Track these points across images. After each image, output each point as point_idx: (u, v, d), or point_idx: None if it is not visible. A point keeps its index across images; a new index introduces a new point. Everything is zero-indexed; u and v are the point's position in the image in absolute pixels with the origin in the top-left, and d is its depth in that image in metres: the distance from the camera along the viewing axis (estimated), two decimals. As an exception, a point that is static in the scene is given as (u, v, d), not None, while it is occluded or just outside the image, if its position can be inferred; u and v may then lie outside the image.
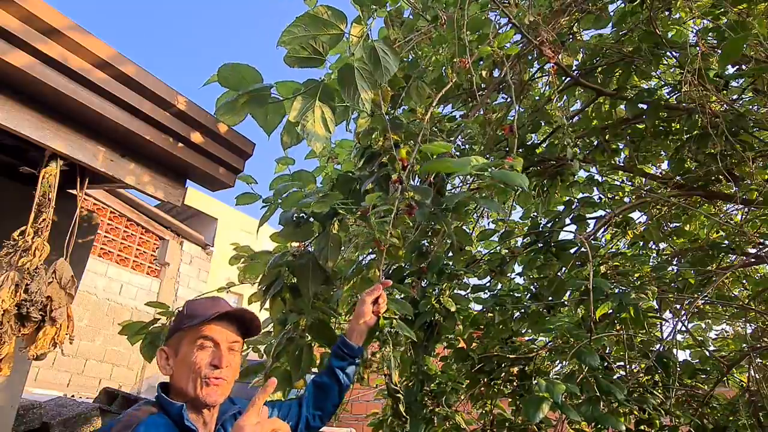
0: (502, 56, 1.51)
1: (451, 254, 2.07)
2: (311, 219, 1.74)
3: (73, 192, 1.70)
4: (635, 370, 2.22)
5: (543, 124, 2.50)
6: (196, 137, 1.77)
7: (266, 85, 1.26)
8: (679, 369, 2.13)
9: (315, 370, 1.62)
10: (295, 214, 1.72)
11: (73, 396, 5.57)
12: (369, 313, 1.22)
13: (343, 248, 1.60)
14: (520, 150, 2.36)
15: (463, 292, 2.08)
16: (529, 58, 1.91)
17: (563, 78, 2.25)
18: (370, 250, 1.89)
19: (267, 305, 1.75)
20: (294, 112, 1.10)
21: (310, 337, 1.63)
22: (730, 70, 2.21)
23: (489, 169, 1.08)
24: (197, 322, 0.98)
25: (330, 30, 1.16)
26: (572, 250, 2.03)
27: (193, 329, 0.98)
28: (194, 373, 0.95)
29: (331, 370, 1.24)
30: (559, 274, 2.14)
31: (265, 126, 1.33)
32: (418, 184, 1.79)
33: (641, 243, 2.65)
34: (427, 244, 1.83)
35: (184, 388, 0.95)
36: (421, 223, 1.47)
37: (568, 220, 2.27)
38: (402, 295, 1.41)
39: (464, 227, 2.54)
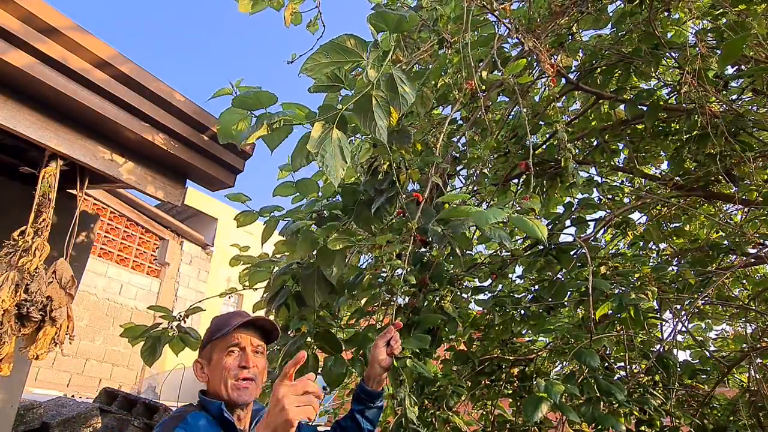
0: (513, 84, 1.51)
1: (451, 258, 2.07)
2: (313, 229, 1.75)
3: (73, 192, 1.70)
4: (635, 371, 2.22)
5: (542, 124, 2.50)
6: (196, 137, 1.77)
7: (281, 112, 1.27)
8: (679, 369, 2.13)
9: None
10: (297, 226, 1.73)
11: (73, 396, 5.57)
12: (384, 356, 1.23)
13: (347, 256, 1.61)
14: (520, 152, 2.36)
15: (465, 296, 2.08)
16: (528, 59, 1.92)
17: (562, 80, 2.25)
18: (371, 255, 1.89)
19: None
20: (312, 141, 1.10)
21: (315, 345, 1.64)
22: (730, 70, 2.21)
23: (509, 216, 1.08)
24: (224, 332, 1.10)
25: (352, 57, 1.18)
26: (572, 252, 2.03)
27: (222, 339, 1.10)
28: (226, 376, 1.06)
29: (351, 414, 1.26)
30: (559, 275, 2.14)
31: (269, 143, 1.34)
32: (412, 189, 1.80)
33: (641, 243, 2.65)
34: (426, 252, 1.83)
35: (218, 391, 1.06)
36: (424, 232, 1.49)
37: (568, 222, 2.27)
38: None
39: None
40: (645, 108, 2.18)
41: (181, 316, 1.77)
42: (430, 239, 1.50)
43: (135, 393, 7.21)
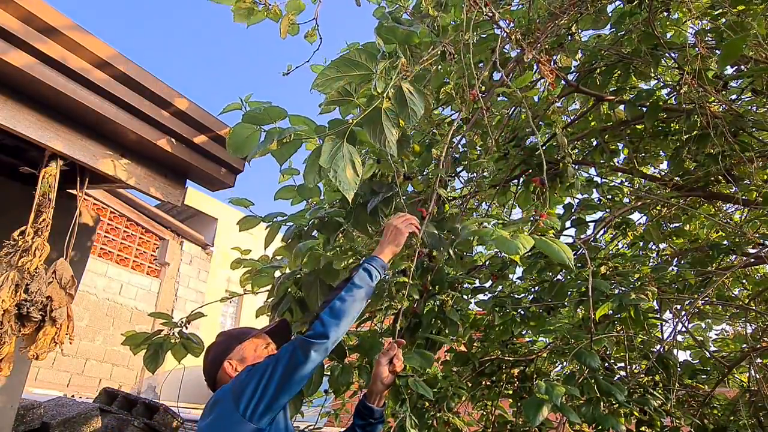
0: (521, 98, 1.52)
1: (451, 261, 2.07)
2: (315, 233, 1.75)
3: (73, 192, 1.70)
4: (635, 371, 2.22)
5: (542, 125, 2.50)
6: (197, 137, 1.77)
7: (291, 128, 1.28)
8: (679, 369, 2.13)
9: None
10: (298, 231, 1.73)
11: (73, 396, 5.57)
12: (386, 373, 1.25)
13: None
14: (520, 153, 2.36)
15: (465, 297, 2.08)
16: (528, 60, 1.92)
17: (561, 82, 2.25)
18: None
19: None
20: (324, 156, 1.11)
21: None
22: (729, 70, 2.21)
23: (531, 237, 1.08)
24: (255, 333, 1.26)
25: (361, 71, 1.19)
26: (572, 253, 2.03)
27: (254, 339, 1.25)
28: None
29: (353, 429, 1.28)
30: (559, 276, 2.14)
31: (279, 158, 1.35)
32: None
33: (641, 244, 2.64)
34: (427, 258, 1.83)
35: None
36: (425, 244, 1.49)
37: (568, 223, 2.27)
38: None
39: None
40: (645, 108, 2.18)
41: (182, 322, 1.77)
42: (430, 244, 1.50)
43: (135, 393, 7.20)
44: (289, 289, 1.76)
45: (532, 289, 2.43)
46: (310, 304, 1.63)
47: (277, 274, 1.87)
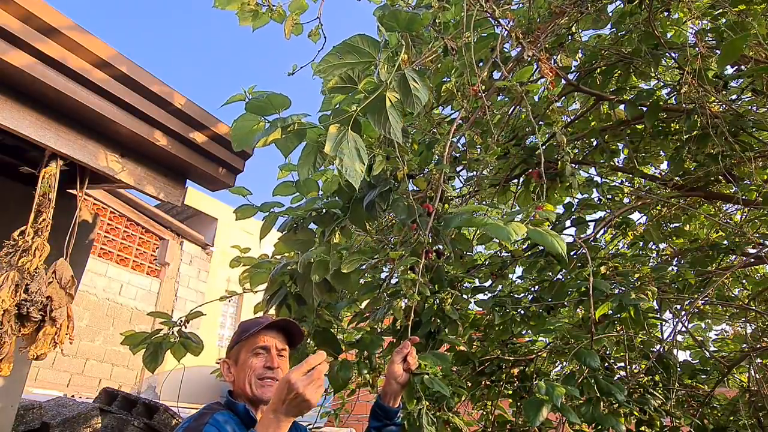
0: (521, 92, 1.50)
1: (451, 260, 2.06)
2: (311, 226, 1.74)
3: (73, 192, 1.70)
4: (635, 371, 2.22)
5: (542, 124, 2.50)
6: (196, 137, 1.77)
7: (295, 114, 1.27)
8: (679, 369, 2.13)
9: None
10: (294, 223, 1.72)
11: (73, 396, 5.56)
12: (400, 371, 1.21)
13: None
14: (520, 153, 2.36)
15: (465, 296, 2.08)
16: (528, 59, 1.92)
17: (562, 81, 2.25)
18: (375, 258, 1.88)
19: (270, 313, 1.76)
20: (329, 143, 1.08)
21: (314, 345, 1.64)
22: (730, 70, 2.21)
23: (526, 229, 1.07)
24: (251, 333, 1.18)
25: (364, 58, 1.18)
26: (572, 253, 2.03)
27: (249, 340, 1.18)
28: (251, 375, 1.14)
29: (368, 431, 1.27)
30: (559, 276, 2.14)
31: (283, 149, 1.33)
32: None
33: (641, 243, 2.64)
34: (436, 255, 1.83)
35: (243, 388, 1.13)
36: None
37: (568, 223, 2.27)
38: None
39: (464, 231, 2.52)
40: (645, 108, 2.18)
41: (181, 321, 1.77)
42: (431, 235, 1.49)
43: (135, 393, 7.19)
44: (286, 283, 1.75)
45: (532, 289, 2.43)
46: (306, 297, 1.62)
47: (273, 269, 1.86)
